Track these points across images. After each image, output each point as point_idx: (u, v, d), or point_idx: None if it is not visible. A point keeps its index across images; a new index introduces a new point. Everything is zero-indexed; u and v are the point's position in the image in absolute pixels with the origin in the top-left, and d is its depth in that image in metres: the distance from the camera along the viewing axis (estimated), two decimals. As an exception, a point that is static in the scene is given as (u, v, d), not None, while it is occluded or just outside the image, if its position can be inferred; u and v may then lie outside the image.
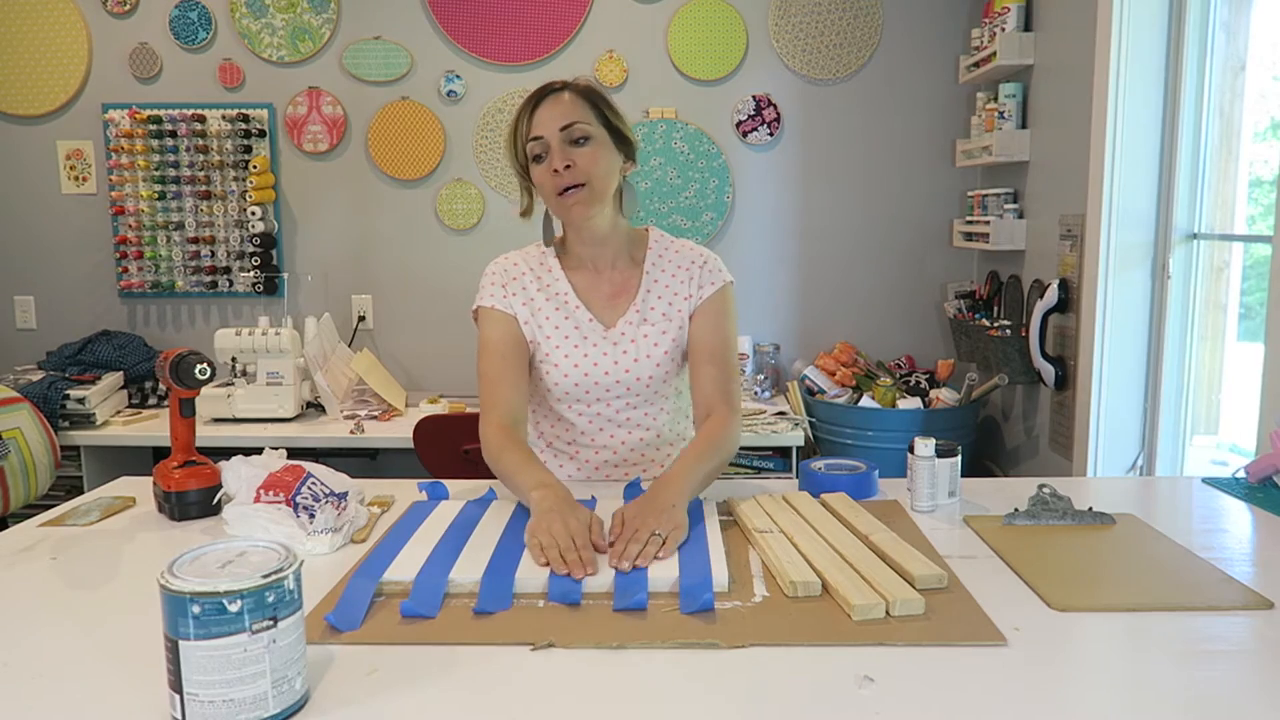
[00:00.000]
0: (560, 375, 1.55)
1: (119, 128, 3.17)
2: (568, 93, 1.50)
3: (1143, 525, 1.32)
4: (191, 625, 0.78)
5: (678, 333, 1.58)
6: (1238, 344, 2.23)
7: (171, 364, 1.40)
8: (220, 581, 0.79)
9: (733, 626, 0.99)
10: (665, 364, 1.57)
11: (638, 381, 1.57)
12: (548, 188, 1.49)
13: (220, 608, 0.78)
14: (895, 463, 1.52)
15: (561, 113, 1.47)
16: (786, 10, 3.13)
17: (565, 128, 1.46)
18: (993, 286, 2.96)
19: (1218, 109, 2.22)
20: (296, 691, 0.83)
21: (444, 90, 3.17)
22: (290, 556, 0.85)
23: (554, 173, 1.46)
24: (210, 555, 0.86)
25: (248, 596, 0.79)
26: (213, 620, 0.78)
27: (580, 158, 1.47)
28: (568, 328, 1.57)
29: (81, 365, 2.98)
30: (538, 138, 1.47)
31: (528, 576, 1.10)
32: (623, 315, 1.58)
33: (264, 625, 0.80)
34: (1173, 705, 0.84)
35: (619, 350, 1.56)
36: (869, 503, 1.41)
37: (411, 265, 3.27)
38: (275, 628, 0.80)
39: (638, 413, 1.60)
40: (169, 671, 0.80)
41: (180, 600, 0.78)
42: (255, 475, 1.31)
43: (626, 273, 1.60)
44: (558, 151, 1.46)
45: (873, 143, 3.20)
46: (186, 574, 0.81)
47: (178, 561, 0.83)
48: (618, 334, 1.56)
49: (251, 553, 0.86)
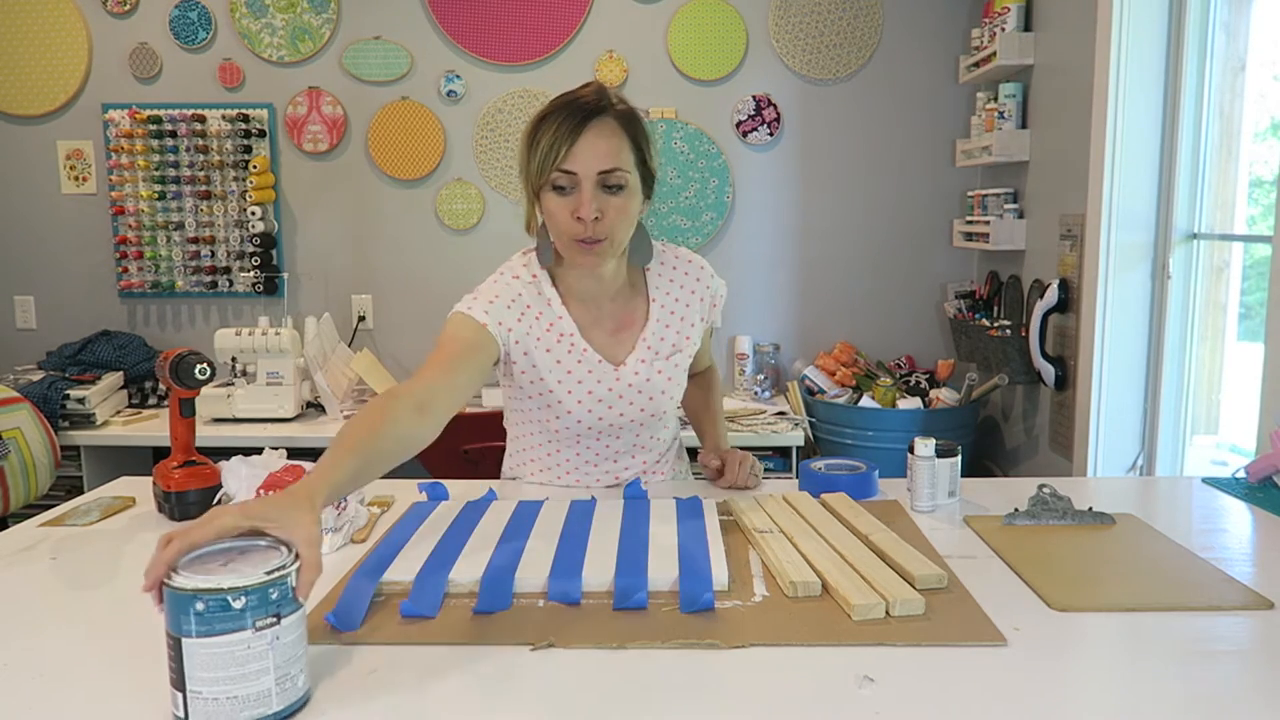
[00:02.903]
0: (573, 421, 1.47)
1: (119, 128, 3.17)
2: (611, 119, 1.34)
3: (1143, 525, 1.32)
4: (194, 622, 0.78)
5: (686, 358, 1.54)
6: (1238, 344, 2.23)
7: (171, 364, 1.40)
8: (224, 579, 0.79)
9: (733, 626, 0.99)
10: (670, 390, 1.52)
11: (653, 419, 1.54)
12: (564, 226, 1.34)
13: (224, 604, 0.78)
14: (895, 463, 1.52)
15: (605, 153, 1.31)
16: (786, 10, 3.13)
17: (605, 171, 1.31)
18: (993, 286, 2.96)
19: (1218, 109, 2.22)
20: (299, 689, 0.83)
21: (444, 90, 3.17)
22: (292, 554, 0.85)
23: (578, 218, 1.32)
24: (212, 553, 0.86)
25: (251, 593, 0.79)
26: (216, 617, 0.78)
27: (610, 209, 1.33)
28: (580, 372, 1.46)
29: (81, 365, 2.98)
30: (571, 172, 1.31)
31: (528, 576, 1.10)
32: (631, 352, 1.48)
33: (267, 622, 0.80)
34: (1173, 705, 0.84)
35: (634, 391, 1.48)
36: (869, 503, 1.41)
37: (411, 265, 3.27)
38: (278, 625, 0.80)
39: (643, 437, 1.57)
40: (171, 669, 0.80)
41: (184, 598, 0.78)
42: (255, 475, 1.31)
43: (629, 303, 1.51)
44: (589, 198, 1.31)
45: (873, 143, 3.20)
46: (189, 572, 0.81)
47: (180, 559, 0.83)
48: (630, 374, 1.48)
49: (253, 551, 0.86)
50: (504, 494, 1.46)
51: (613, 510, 1.34)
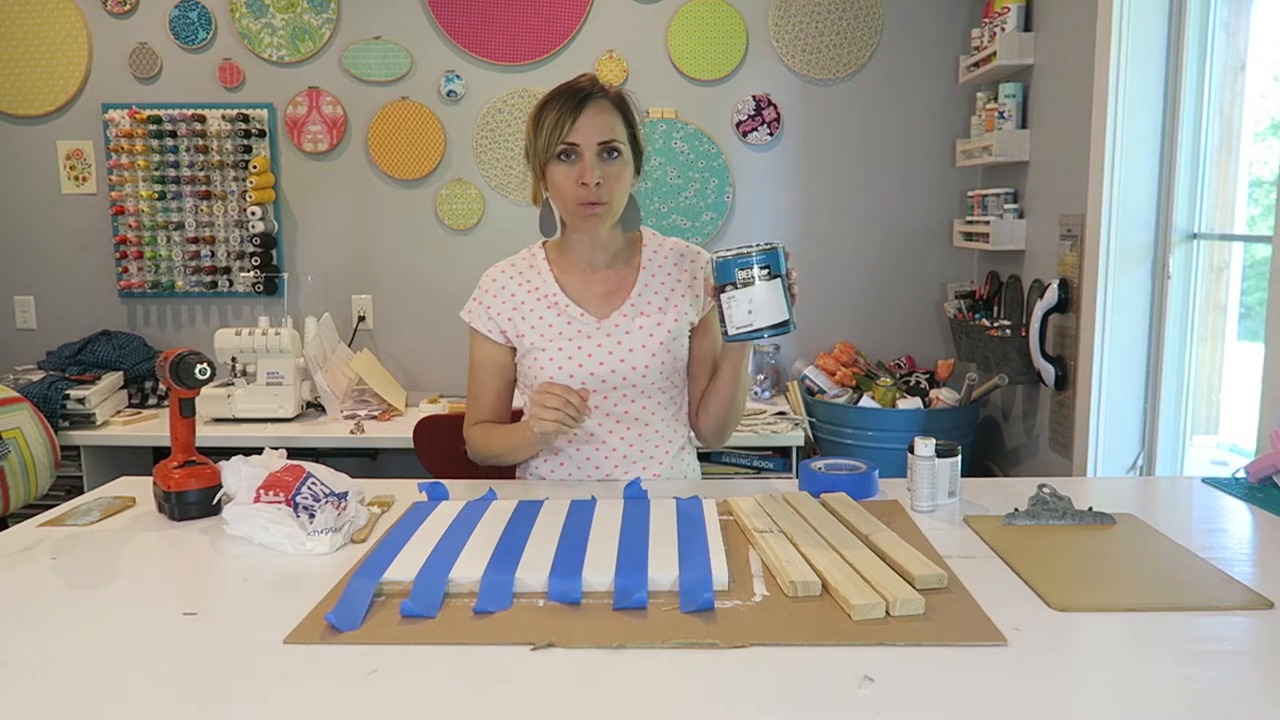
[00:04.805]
0: (555, 368, 1.57)
1: (119, 128, 3.17)
2: (605, 100, 1.52)
3: (1143, 525, 1.32)
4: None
5: (674, 325, 1.60)
6: (1238, 344, 2.23)
7: (171, 364, 1.40)
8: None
9: (733, 626, 0.99)
10: (661, 354, 1.59)
11: (634, 371, 1.58)
12: (568, 192, 1.51)
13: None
14: (895, 463, 1.52)
15: (603, 125, 1.50)
16: (786, 10, 3.13)
17: (604, 142, 1.49)
18: (993, 286, 2.96)
19: (1218, 109, 2.22)
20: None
21: (444, 90, 3.17)
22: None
23: (582, 184, 1.49)
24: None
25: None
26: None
27: (609, 176, 1.50)
28: (560, 324, 1.60)
29: (81, 365, 2.98)
30: (574, 144, 1.49)
31: (528, 576, 1.10)
32: (617, 309, 1.61)
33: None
34: (1173, 705, 0.84)
35: (613, 341, 1.58)
36: (869, 503, 1.41)
37: (411, 265, 3.27)
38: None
39: (635, 406, 1.61)
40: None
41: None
42: (255, 475, 1.31)
43: (621, 273, 1.64)
44: (591, 165, 1.49)
45: (873, 143, 3.20)
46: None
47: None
48: (611, 325, 1.60)
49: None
50: (504, 494, 1.46)
51: (613, 510, 1.34)
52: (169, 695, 0.88)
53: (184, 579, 1.18)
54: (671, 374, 1.62)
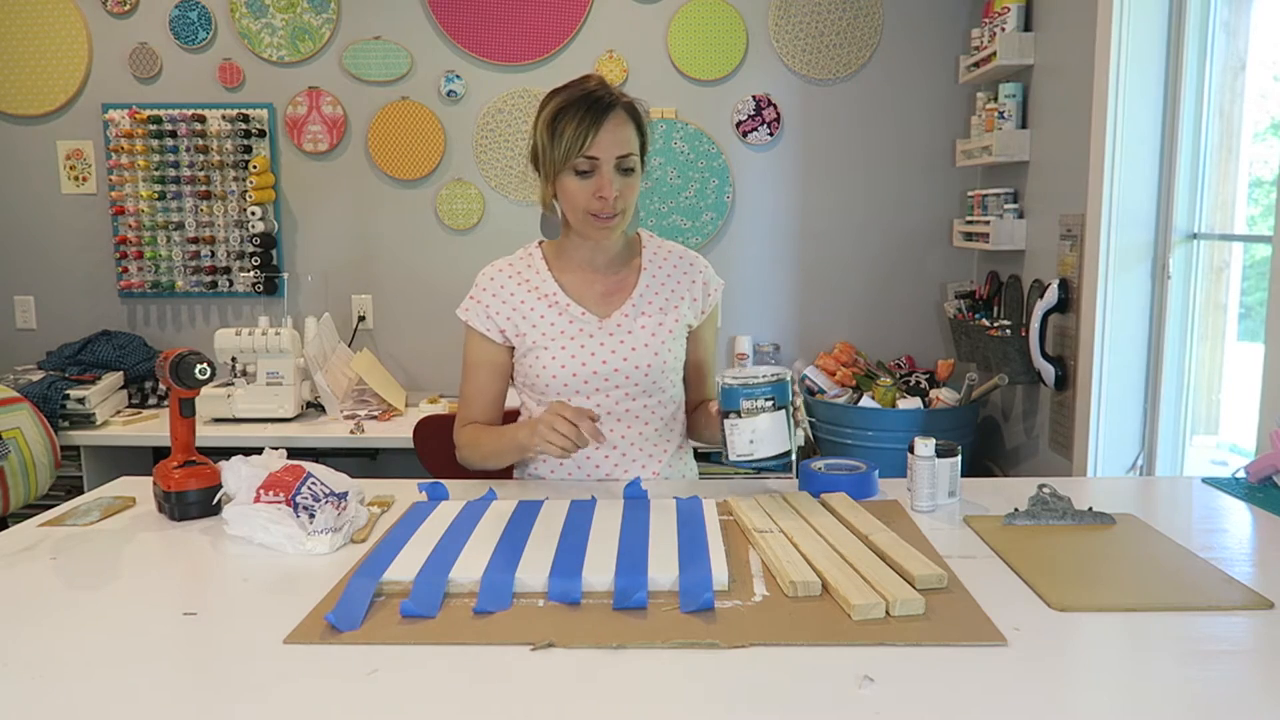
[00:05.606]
0: (558, 367, 1.58)
1: (119, 128, 3.17)
2: (621, 111, 1.52)
3: (1143, 525, 1.32)
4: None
5: (675, 325, 1.62)
6: (1238, 344, 2.23)
7: (171, 364, 1.40)
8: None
9: (733, 626, 0.99)
10: (663, 353, 1.60)
11: (636, 370, 1.58)
12: (584, 203, 1.52)
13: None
14: (895, 463, 1.52)
15: (622, 139, 1.51)
16: (786, 10, 3.13)
17: (622, 156, 1.51)
18: (993, 286, 2.96)
19: (1218, 109, 2.22)
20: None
21: (444, 90, 3.17)
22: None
23: (600, 198, 1.50)
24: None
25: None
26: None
27: (625, 189, 1.52)
28: (562, 323, 1.60)
29: (81, 365, 2.98)
30: (594, 158, 1.49)
31: (528, 576, 1.10)
32: (618, 309, 1.62)
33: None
34: (1173, 705, 0.84)
35: (615, 340, 1.59)
36: (869, 503, 1.41)
37: (411, 265, 3.27)
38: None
39: (636, 404, 1.61)
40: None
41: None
42: (255, 475, 1.31)
43: (621, 274, 1.65)
44: (609, 179, 1.50)
45: (873, 143, 3.20)
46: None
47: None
48: (613, 325, 1.60)
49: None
50: (504, 494, 1.46)
51: (613, 510, 1.34)
52: (169, 695, 0.88)
53: (184, 579, 1.18)
54: (671, 373, 1.63)
